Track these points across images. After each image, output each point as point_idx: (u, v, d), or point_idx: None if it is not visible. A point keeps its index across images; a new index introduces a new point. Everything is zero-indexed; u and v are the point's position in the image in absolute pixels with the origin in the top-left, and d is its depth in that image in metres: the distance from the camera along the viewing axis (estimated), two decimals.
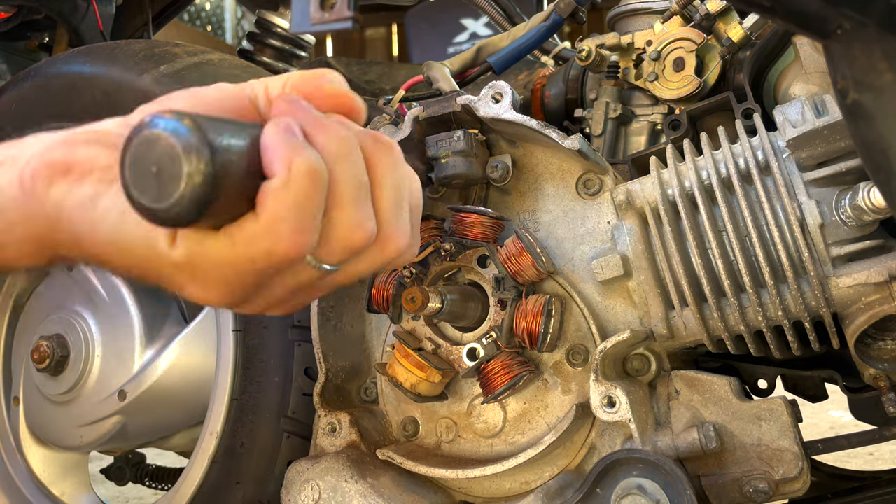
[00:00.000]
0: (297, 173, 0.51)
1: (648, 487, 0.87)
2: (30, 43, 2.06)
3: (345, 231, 0.55)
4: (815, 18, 0.57)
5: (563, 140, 1.00)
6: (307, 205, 0.52)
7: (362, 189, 0.56)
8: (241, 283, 0.55)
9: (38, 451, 1.57)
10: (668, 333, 0.99)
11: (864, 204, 0.89)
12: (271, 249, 0.52)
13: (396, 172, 0.60)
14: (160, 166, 0.48)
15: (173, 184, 0.47)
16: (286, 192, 0.51)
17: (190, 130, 0.47)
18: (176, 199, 0.47)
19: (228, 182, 0.49)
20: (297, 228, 0.52)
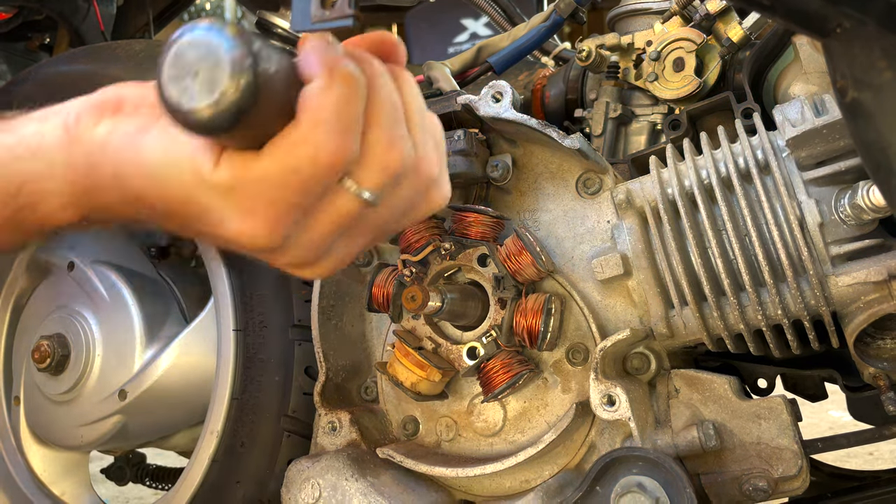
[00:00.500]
0: (339, 76, 0.51)
1: (648, 485, 0.87)
2: (31, 43, 2.06)
3: (383, 148, 0.55)
4: (814, 17, 0.57)
5: (563, 139, 1.00)
6: (347, 109, 0.52)
7: (397, 109, 0.56)
8: (284, 204, 0.53)
9: (39, 450, 1.57)
10: (668, 332, 0.99)
11: (864, 203, 0.89)
12: (315, 155, 0.51)
13: (418, 99, 0.60)
14: (202, 69, 0.47)
15: (214, 85, 0.47)
16: (327, 94, 0.51)
17: (233, 37, 0.47)
18: (216, 99, 0.47)
19: (269, 90, 0.49)
20: (337, 131, 0.51)
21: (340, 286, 1.16)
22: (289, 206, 0.53)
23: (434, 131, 0.62)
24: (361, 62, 0.55)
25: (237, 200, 0.53)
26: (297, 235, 0.56)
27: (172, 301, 1.47)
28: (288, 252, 0.57)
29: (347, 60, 0.53)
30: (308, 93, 0.51)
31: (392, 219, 0.61)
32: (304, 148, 0.51)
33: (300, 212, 0.54)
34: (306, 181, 0.52)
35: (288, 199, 0.53)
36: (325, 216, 0.56)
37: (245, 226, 0.54)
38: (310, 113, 0.51)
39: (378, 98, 0.55)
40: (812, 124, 0.91)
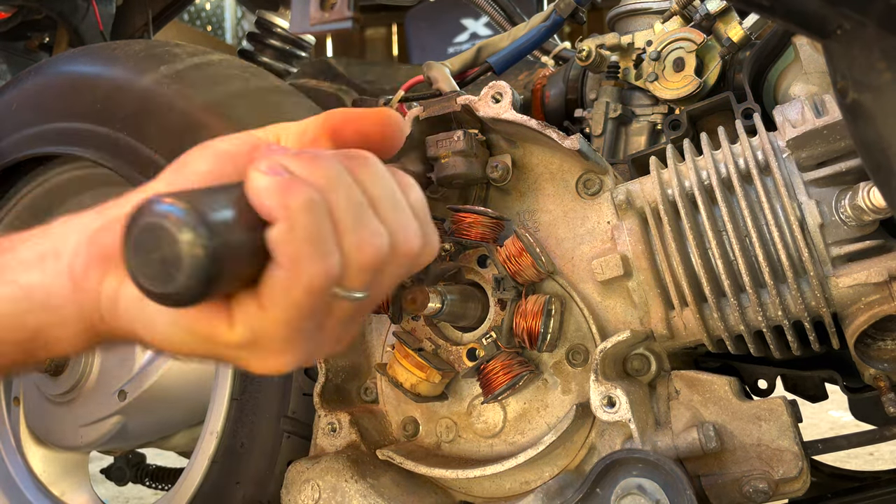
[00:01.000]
0: (296, 210, 0.52)
1: (648, 487, 0.87)
2: (30, 43, 2.06)
3: (356, 251, 0.56)
4: (814, 18, 0.57)
5: (563, 140, 1.00)
6: (317, 235, 0.53)
7: (360, 207, 0.57)
8: (300, 335, 0.56)
9: (39, 451, 1.57)
10: (668, 333, 0.99)
11: (864, 204, 0.89)
12: (306, 288, 0.53)
13: (383, 179, 0.60)
14: (160, 252, 0.49)
15: (175, 267, 0.48)
16: (293, 233, 0.52)
17: (184, 212, 0.48)
18: (181, 281, 0.48)
19: (232, 251, 0.50)
20: (317, 259, 0.53)
21: None
22: (303, 334, 0.56)
23: (410, 200, 0.63)
24: (313, 169, 0.55)
25: (259, 350, 0.56)
26: (315, 346, 0.59)
27: None
28: (311, 359, 0.61)
29: (297, 184, 0.53)
30: (274, 238, 0.52)
31: (383, 293, 0.63)
32: (295, 286, 0.53)
33: (313, 332, 0.57)
34: (308, 310, 0.54)
35: (300, 329, 0.55)
36: (331, 323, 0.59)
37: (272, 365, 0.57)
38: (285, 255, 0.52)
39: (339, 204, 0.55)
40: (812, 125, 0.91)
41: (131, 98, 1.34)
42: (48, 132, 1.41)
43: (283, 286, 0.53)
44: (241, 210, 0.52)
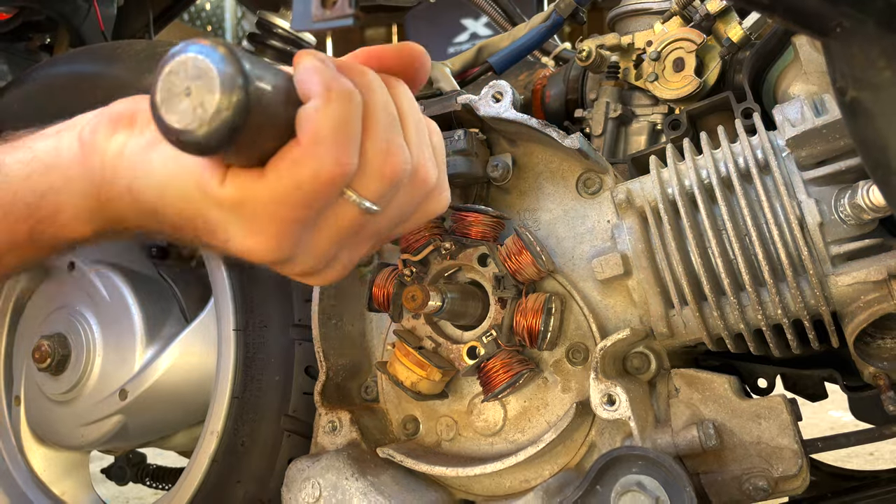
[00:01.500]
0: (335, 94, 0.52)
1: (648, 484, 0.87)
2: (31, 44, 2.06)
3: (381, 158, 0.56)
4: (813, 16, 0.57)
5: (564, 139, 1.00)
6: (345, 124, 0.53)
7: (393, 119, 0.57)
8: (289, 219, 0.54)
9: (39, 450, 1.57)
10: (668, 332, 0.99)
11: (864, 202, 0.89)
12: (316, 171, 0.52)
13: (414, 105, 0.61)
14: (193, 89, 0.47)
15: (205, 105, 0.47)
16: (325, 112, 0.52)
17: (225, 56, 0.47)
18: (206, 120, 0.47)
19: (261, 110, 0.49)
20: (337, 147, 0.52)
21: (341, 286, 1.16)
22: (293, 221, 0.55)
23: (432, 139, 0.64)
24: (356, 75, 0.56)
25: (243, 217, 0.55)
26: (302, 247, 0.58)
27: (173, 301, 1.47)
28: (295, 263, 0.59)
29: (342, 77, 0.54)
30: (305, 112, 0.52)
31: (392, 225, 0.63)
32: (305, 166, 0.52)
33: (305, 225, 0.56)
34: (309, 197, 0.54)
35: (292, 214, 0.54)
36: (328, 227, 0.58)
37: (251, 241, 0.56)
38: (308, 132, 0.52)
39: (374, 110, 0.56)
40: (812, 124, 0.92)
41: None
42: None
43: (293, 161, 0.52)
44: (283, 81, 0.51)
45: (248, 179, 0.53)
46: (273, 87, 0.50)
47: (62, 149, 0.62)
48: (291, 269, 0.60)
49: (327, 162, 0.52)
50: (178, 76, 0.48)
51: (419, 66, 0.65)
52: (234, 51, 0.48)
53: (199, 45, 0.48)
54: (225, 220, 0.55)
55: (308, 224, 0.56)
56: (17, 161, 0.63)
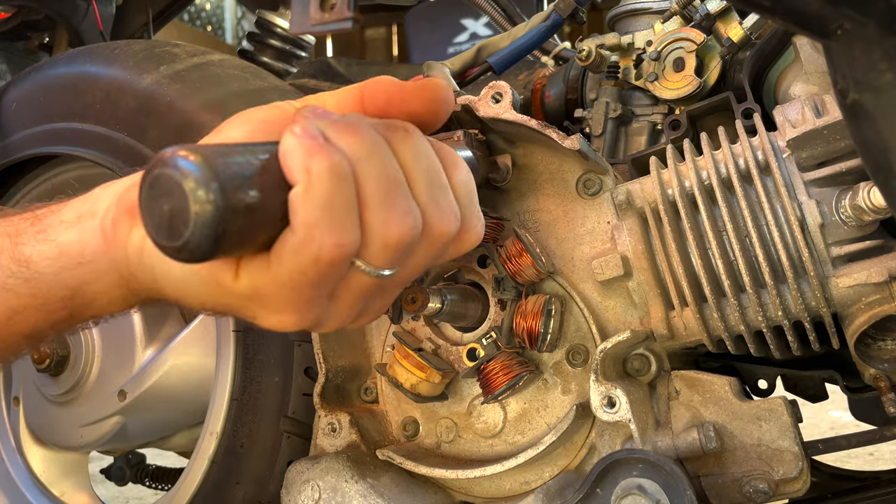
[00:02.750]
0: (317, 175, 0.51)
1: (648, 487, 0.87)
2: (30, 43, 2.06)
3: (381, 229, 0.54)
4: (815, 18, 0.57)
5: (563, 140, 1.00)
6: (335, 204, 0.52)
7: (392, 184, 0.55)
8: (303, 300, 0.55)
9: (38, 451, 1.57)
10: (668, 333, 0.99)
11: (864, 204, 0.89)
12: (315, 256, 0.52)
13: (424, 155, 0.58)
14: (170, 205, 0.48)
15: (183, 221, 0.47)
16: (310, 196, 0.51)
17: (197, 167, 0.47)
18: (188, 236, 0.47)
19: (242, 212, 0.49)
20: (331, 229, 0.52)
21: None
22: (308, 300, 0.55)
23: (453, 179, 0.61)
24: (348, 137, 0.54)
25: (261, 304, 0.56)
26: (327, 314, 0.58)
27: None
28: (325, 325, 0.60)
29: (327, 149, 0.52)
30: (293, 198, 0.51)
31: (416, 275, 0.62)
32: (303, 252, 0.52)
33: (322, 299, 0.56)
34: (315, 279, 0.54)
35: (305, 295, 0.55)
36: (347, 295, 0.58)
37: (275, 320, 0.57)
38: (300, 218, 0.51)
39: (366, 180, 0.54)
40: (812, 125, 0.91)
41: (131, 98, 1.34)
42: (48, 132, 1.41)
43: (292, 250, 0.52)
44: (266, 171, 0.51)
45: (258, 269, 0.54)
46: (253, 186, 0.49)
47: (86, 242, 0.62)
48: (322, 330, 0.62)
49: (325, 244, 0.52)
50: (155, 193, 0.48)
51: (441, 108, 0.64)
52: (207, 157, 0.48)
53: (173, 157, 0.48)
54: (245, 306, 0.57)
55: (325, 297, 0.56)
56: (43, 257, 0.64)
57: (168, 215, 0.48)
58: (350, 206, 0.53)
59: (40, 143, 1.42)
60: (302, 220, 0.51)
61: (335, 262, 0.53)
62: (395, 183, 0.56)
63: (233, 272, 0.55)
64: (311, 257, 0.52)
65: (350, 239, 0.53)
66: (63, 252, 0.63)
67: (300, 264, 0.52)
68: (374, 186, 0.54)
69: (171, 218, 0.48)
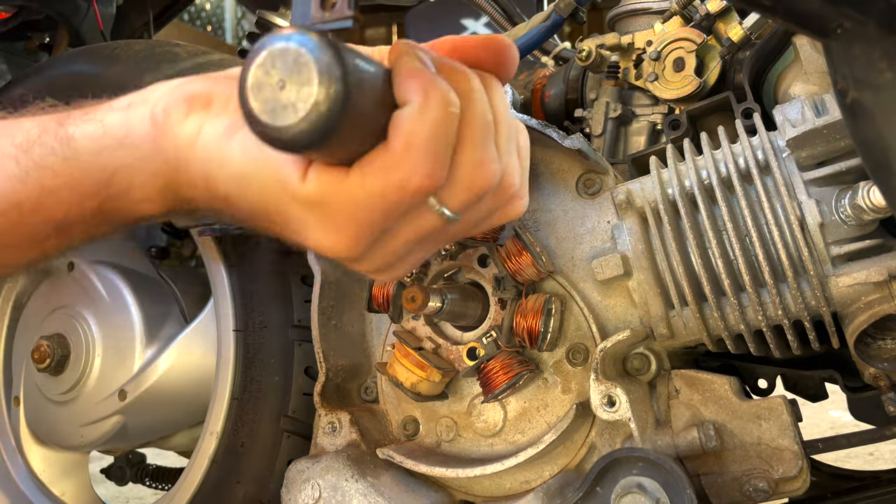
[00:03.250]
0: (433, 100, 0.50)
1: (648, 486, 0.87)
2: (30, 43, 2.06)
3: (471, 171, 0.53)
4: (814, 17, 0.57)
5: (563, 140, 1.00)
6: (441, 135, 0.50)
7: (489, 129, 0.55)
8: (368, 224, 0.53)
9: (39, 450, 1.57)
10: (668, 333, 0.99)
11: (864, 203, 0.89)
12: (404, 181, 0.50)
13: (508, 109, 0.58)
14: (288, 82, 0.44)
15: (300, 102, 0.44)
16: (422, 120, 0.49)
17: (325, 48, 0.44)
18: (300, 119, 0.44)
19: (359, 106, 0.46)
20: (430, 159, 0.50)
21: (340, 286, 1.16)
22: (372, 225, 0.53)
23: (520, 142, 0.60)
24: (458, 79, 0.53)
25: (321, 215, 0.53)
26: (377, 248, 0.56)
27: (172, 301, 1.47)
28: (366, 261, 0.57)
29: (442, 80, 0.51)
30: (401, 117, 0.50)
31: (468, 229, 0.61)
32: (394, 175, 0.50)
33: (383, 229, 0.54)
34: (393, 206, 0.52)
35: (372, 219, 0.52)
36: (406, 232, 0.56)
37: (327, 240, 0.54)
38: (402, 138, 0.50)
39: (472, 120, 0.53)
40: (812, 124, 0.91)
41: None
42: None
43: (382, 168, 0.50)
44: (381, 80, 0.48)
45: (331, 179, 0.51)
46: (371, 87, 0.47)
47: (134, 126, 0.59)
48: (359, 266, 0.59)
49: (418, 173, 0.50)
50: (273, 66, 0.44)
51: (508, 62, 0.61)
52: (336, 45, 0.45)
53: (301, 35, 0.45)
54: (302, 216, 0.53)
55: (386, 228, 0.54)
56: (86, 136, 0.61)
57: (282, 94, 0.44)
58: (451, 142, 0.52)
59: None
60: (404, 141, 0.49)
61: (419, 193, 0.51)
62: (490, 129, 0.55)
63: (300, 174, 0.52)
64: (399, 182, 0.50)
65: (441, 173, 0.51)
66: (107, 132, 0.60)
67: (384, 185, 0.50)
68: (473, 128, 0.53)
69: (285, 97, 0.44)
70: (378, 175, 0.50)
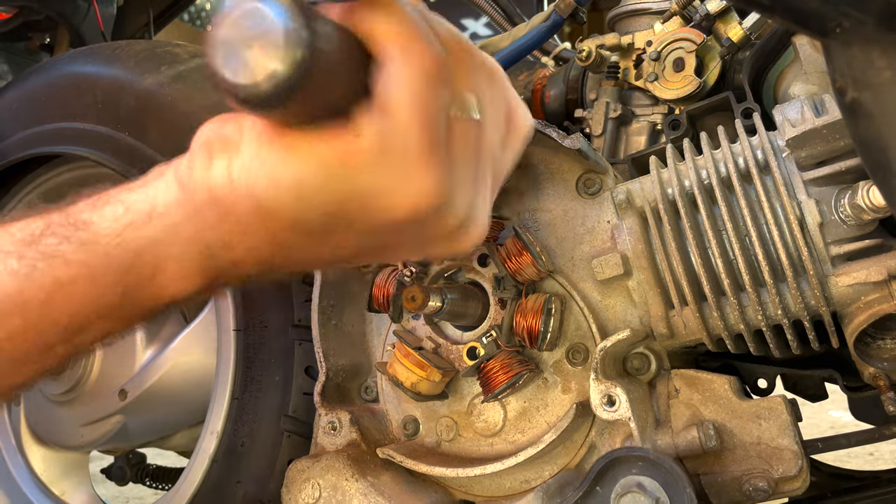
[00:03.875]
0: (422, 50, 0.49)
1: (648, 485, 0.87)
2: (31, 44, 2.06)
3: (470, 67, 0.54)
4: (813, 16, 0.57)
5: (563, 139, 1.00)
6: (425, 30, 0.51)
7: None
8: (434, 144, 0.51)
9: (39, 450, 1.57)
10: (668, 332, 0.99)
11: (864, 203, 0.89)
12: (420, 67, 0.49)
13: None
14: (253, 40, 0.43)
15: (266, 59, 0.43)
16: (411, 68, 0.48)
17: (290, 8, 0.43)
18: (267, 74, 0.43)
19: (327, 65, 0.45)
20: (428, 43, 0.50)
21: (341, 286, 1.16)
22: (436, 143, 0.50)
23: None
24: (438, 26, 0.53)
25: (396, 160, 0.49)
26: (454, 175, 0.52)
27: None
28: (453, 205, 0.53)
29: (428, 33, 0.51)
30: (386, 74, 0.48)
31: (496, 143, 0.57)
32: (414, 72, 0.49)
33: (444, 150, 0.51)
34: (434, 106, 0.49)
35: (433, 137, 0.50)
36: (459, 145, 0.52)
37: (417, 183, 0.50)
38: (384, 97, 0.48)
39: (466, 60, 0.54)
40: (812, 124, 0.91)
41: (133, 98, 1.34)
42: (50, 132, 1.41)
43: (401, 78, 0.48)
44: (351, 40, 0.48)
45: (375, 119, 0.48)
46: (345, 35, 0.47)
47: (158, 195, 0.54)
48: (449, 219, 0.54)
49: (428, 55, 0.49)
50: (237, 27, 0.44)
51: None
52: (302, 5, 0.44)
53: None
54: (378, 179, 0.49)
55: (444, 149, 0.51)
56: (105, 217, 0.54)
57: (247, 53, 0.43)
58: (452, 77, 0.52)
59: (42, 143, 1.42)
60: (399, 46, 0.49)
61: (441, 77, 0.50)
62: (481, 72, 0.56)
63: (353, 131, 0.48)
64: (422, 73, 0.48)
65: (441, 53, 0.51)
66: (130, 208, 0.54)
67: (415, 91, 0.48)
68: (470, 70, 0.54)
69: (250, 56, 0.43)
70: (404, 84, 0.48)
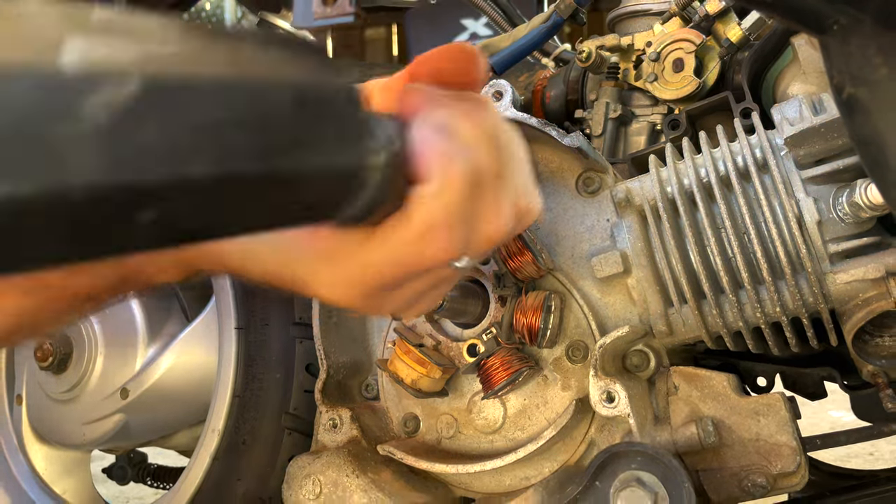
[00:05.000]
0: (453, 180, 0.48)
1: (647, 480, 0.88)
2: None
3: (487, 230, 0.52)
4: (811, 14, 0.57)
5: (563, 138, 1.01)
6: (462, 211, 0.49)
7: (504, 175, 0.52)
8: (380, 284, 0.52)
9: (41, 449, 1.57)
10: (667, 330, 1.00)
11: (862, 201, 0.90)
12: (422, 254, 0.49)
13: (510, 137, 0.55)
14: None
15: None
16: (442, 201, 0.48)
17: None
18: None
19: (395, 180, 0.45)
20: (449, 235, 0.49)
21: None
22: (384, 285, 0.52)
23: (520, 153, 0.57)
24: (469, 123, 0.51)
25: (333, 271, 0.51)
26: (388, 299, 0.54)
27: (174, 299, 1.47)
28: (377, 310, 0.56)
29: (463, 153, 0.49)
30: (422, 195, 0.48)
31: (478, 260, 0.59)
32: (411, 248, 0.49)
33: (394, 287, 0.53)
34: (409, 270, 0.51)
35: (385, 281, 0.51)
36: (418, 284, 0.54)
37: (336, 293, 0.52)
38: (423, 215, 0.48)
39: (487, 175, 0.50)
40: (810, 123, 0.92)
41: None
42: None
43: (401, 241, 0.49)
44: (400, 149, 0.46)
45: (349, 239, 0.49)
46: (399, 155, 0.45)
47: None
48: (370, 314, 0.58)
49: (436, 248, 0.49)
50: None
51: (472, 69, 0.57)
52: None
53: None
54: (313, 268, 0.52)
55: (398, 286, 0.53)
56: None
57: None
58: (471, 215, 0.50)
59: None
60: (425, 218, 0.48)
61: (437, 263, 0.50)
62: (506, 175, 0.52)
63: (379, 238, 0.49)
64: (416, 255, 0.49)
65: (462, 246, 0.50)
66: None
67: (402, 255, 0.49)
68: (491, 184, 0.51)
69: None
70: (395, 246, 0.49)
